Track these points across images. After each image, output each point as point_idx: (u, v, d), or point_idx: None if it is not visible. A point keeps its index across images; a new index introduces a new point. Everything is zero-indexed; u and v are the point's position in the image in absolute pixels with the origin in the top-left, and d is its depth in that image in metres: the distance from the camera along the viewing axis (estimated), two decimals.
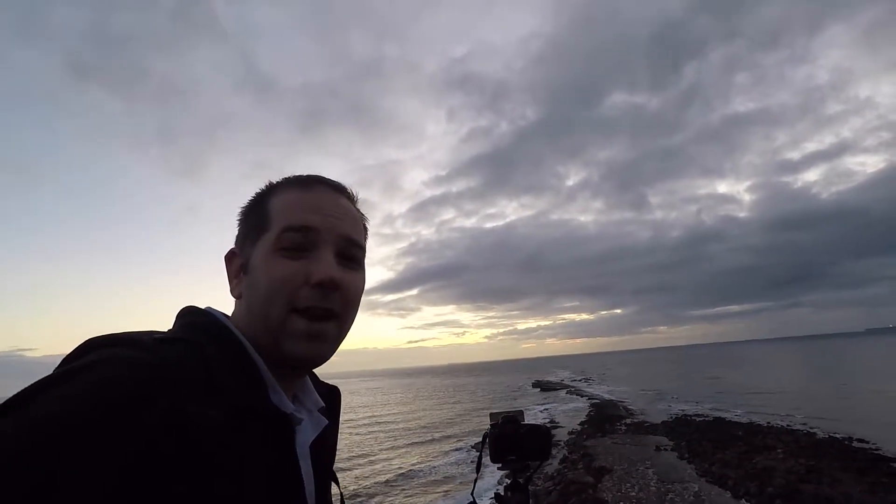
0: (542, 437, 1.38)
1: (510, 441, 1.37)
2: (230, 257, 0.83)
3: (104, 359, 0.73)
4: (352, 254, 0.82)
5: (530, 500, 1.36)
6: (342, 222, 0.81)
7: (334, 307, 0.78)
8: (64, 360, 0.74)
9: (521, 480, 1.37)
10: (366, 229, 0.90)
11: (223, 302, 0.84)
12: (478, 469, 1.37)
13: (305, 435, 0.77)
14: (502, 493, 1.36)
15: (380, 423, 32.67)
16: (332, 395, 0.91)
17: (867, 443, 15.24)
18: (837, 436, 16.50)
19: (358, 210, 0.88)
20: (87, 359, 0.74)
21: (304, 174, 0.86)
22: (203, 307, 0.79)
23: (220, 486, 0.69)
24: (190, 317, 0.78)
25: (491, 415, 1.45)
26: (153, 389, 0.72)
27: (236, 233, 0.86)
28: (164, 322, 0.80)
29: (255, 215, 0.82)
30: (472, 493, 1.35)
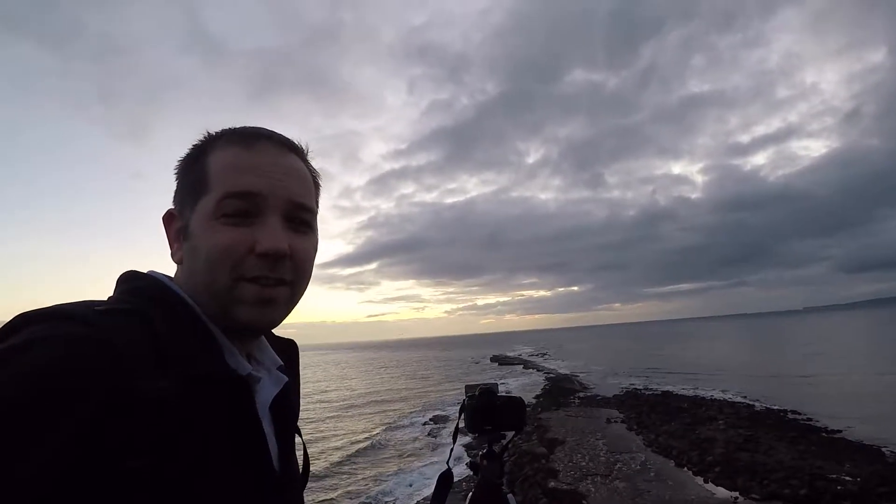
0: (517, 408, 1.43)
1: (487, 411, 1.42)
2: (168, 219, 0.77)
3: (39, 337, 0.60)
4: (301, 217, 0.76)
5: (505, 469, 1.42)
6: (289, 184, 0.74)
7: (285, 276, 0.73)
8: None
9: (496, 449, 1.43)
10: (317, 186, 0.83)
11: (171, 270, 0.77)
12: (454, 438, 1.41)
13: (266, 394, 0.75)
14: (478, 461, 1.42)
15: (340, 397, 32.73)
16: (289, 350, 0.88)
17: (800, 414, 16.44)
18: (774, 408, 17.69)
19: (308, 167, 0.81)
20: (18, 338, 0.60)
21: (247, 127, 0.78)
22: (145, 271, 0.73)
23: (182, 456, 0.62)
24: (132, 282, 0.71)
25: (467, 387, 1.49)
26: (97, 369, 0.60)
27: (174, 189, 0.78)
28: (104, 293, 0.71)
29: (193, 174, 0.75)
30: (447, 462, 1.40)
